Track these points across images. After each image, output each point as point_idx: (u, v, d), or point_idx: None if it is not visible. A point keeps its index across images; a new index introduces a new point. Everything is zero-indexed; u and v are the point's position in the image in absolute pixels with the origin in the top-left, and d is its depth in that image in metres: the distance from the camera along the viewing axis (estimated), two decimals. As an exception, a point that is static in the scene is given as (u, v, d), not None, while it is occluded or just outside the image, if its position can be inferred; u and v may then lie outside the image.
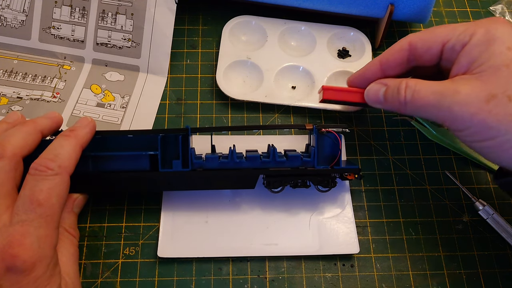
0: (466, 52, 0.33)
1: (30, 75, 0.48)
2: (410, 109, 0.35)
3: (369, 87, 0.38)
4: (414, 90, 0.34)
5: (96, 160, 0.38)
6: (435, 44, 0.35)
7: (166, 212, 0.41)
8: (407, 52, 0.37)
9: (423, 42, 0.36)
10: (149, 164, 0.38)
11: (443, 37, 0.35)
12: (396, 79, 0.36)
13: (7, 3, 0.48)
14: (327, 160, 0.39)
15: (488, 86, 0.31)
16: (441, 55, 0.36)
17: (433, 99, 0.33)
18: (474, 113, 0.31)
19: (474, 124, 0.32)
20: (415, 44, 0.36)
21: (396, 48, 0.37)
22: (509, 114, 0.31)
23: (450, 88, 0.33)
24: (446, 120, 0.33)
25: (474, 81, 0.32)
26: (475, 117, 0.31)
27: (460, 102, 0.32)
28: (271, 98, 0.47)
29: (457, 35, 0.34)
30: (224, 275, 0.39)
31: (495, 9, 0.57)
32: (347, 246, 0.40)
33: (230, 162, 0.38)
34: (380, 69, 0.38)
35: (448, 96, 0.32)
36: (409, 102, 0.35)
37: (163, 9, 0.47)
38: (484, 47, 0.32)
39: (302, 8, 0.51)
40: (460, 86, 0.32)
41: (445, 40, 0.35)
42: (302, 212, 0.41)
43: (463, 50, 0.34)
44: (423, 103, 0.34)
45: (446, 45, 0.35)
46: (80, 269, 0.39)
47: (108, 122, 0.46)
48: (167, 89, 0.49)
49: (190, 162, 0.38)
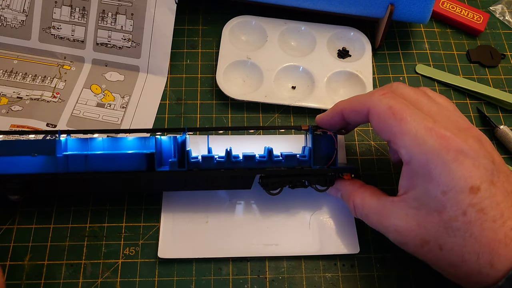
0: (407, 175, 0.33)
1: (30, 75, 0.48)
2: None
3: (330, 190, 0.40)
4: (362, 213, 0.37)
5: (91, 160, 0.38)
6: (387, 135, 0.34)
7: (166, 213, 0.41)
8: (365, 118, 0.35)
9: (379, 125, 0.34)
10: (145, 164, 0.38)
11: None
12: (347, 189, 0.39)
13: (7, 3, 0.48)
14: (323, 161, 0.39)
15: (421, 230, 0.32)
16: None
17: (380, 229, 0.35)
18: (413, 253, 0.34)
19: (416, 255, 0.34)
20: (371, 116, 0.35)
21: (357, 109, 0.36)
22: (440, 260, 0.32)
23: (391, 223, 0.34)
24: None
25: (411, 219, 0.33)
26: (416, 255, 0.34)
27: (400, 242, 0.34)
28: (271, 98, 0.47)
29: (401, 146, 0.33)
30: (224, 275, 0.39)
31: (495, 9, 0.57)
32: (347, 246, 0.40)
33: (226, 162, 0.38)
34: (342, 119, 0.37)
35: (390, 232, 0.34)
36: (360, 219, 0.37)
37: (163, 9, 0.47)
38: (421, 182, 0.32)
39: (302, 8, 0.51)
40: (399, 222, 0.33)
41: (391, 139, 0.34)
42: (302, 212, 0.41)
43: (404, 170, 0.33)
44: (373, 227, 0.36)
45: (391, 143, 0.34)
46: (80, 269, 0.39)
47: (108, 122, 0.46)
48: (167, 89, 0.49)
49: (187, 162, 0.38)
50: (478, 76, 0.52)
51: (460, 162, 0.31)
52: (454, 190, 0.30)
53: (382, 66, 0.52)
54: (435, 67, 0.52)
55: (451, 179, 0.30)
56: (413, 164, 0.32)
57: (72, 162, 0.38)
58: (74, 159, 0.38)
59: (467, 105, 0.50)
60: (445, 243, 0.31)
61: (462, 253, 0.31)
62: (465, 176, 0.30)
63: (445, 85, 0.51)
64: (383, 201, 0.35)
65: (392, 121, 0.33)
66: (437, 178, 0.31)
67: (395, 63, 0.52)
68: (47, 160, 0.38)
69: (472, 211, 0.30)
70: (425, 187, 0.32)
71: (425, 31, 0.55)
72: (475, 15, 0.55)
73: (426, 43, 0.54)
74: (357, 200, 0.37)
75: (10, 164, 0.37)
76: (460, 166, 0.30)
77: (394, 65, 0.52)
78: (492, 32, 0.55)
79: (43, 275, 0.38)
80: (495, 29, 0.55)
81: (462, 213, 0.30)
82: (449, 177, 0.30)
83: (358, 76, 0.49)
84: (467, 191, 0.30)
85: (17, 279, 0.38)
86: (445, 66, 0.52)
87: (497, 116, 0.49)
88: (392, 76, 0.51)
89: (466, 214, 0.30)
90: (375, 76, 0.51)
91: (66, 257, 0.39)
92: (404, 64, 0.52)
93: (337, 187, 0.39)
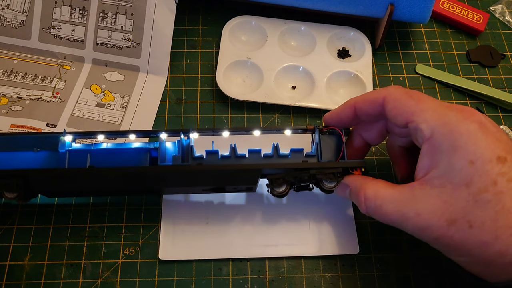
0: (428, 153, 0.31)
1: (30, 75, 0.48)
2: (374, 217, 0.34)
3: (338, 187, 0.37)
4: (375, 205, 0.33)
5: (94, 156, 0.37)
6: (405, 115, 0.33)
7: (166, 214, 0.41)
8: (380, 107, 0.35)
9: (396, 108, 0.33)
10: (148, 159, 0.37)
11: (411, 112, 0.33)
12: (356, 183, 0.35)
13: (7, 3, 0.48)
14: (331, 157, 0.38)
15: (448, 208, 0.30)
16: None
17: (396, 218, 0.32)
18: (437, 237, 0.31)
19: (438, 245, 0.32)
20: (386, 102, 0.34)
21: (372, 99, 0.35)
22: (469, 240, 0.29)
23: (412, 208, 0.31)
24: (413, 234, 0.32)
25: (435, 199, 0.30)
26: (439, 240, 0.31)
27: (422, 226, 0.31)
28: (271, 98, 0.47)
29: (421, 121, 0.32)
30: (224, 275, 0.39)
31: (495, 9, 0.57)
32: (347, 246, 0.40)
33: (231, 158, 0.37)
34: (354, 114, 0.37)
35: (410, 218, 0.31)
36: (372, 214, 0.34)
37: (163, 9, 0.47)
38: (445, 156, 0.30)
39: (302, 8, 0.51)
40: (420, 205, 0.31)
41: (410, 119, 0.32)
42: (302, 213, 0.41)
43: (424, 148, 0.31)
44: (386, 219, 0.33)
45: (409, 124, 0.32)
46: (80, 269, 0.39)
47: (108, 122, 0.46)
48: (167, 89, 0.49)
49: (190, 157, 0.37)
50: (478, 76, 0.52)
51: (484, 132, 0.30)
52: (481, 159, 0.29)
53: (382, 66, 0.52)
54: (435, 67, 0.52)
55: (477, 147, 0.29)
56: (436, 138, 0.30)
57: (74, 157, 0.37)
58: (77, 154, 0.37)
59: (467, 105, 0.50)
60: (475, 218, 0.29)
61: (495, 228, 0.28)
62: (491, 146, 0.29)
63: (445, 85, 0.51)
64: (400, 189, 0.32)
65: (410, 102, 0.32)
66: (463, 147, 0.29)
67: (395, 63, 0.52)
68: (49, 156, 0.37)
69: (502, 180, 0.29)
70: (449, 160, 0.30)
71: (425, 31, 0.55)
72: (475, 15, 0.55)
73: (426, 43, 0.54)
74: (369, 191, 0.34)
75: (11, 160, 0.37)
76: (485, 136, 0.30)
77: (394, 65, 0.52)
78: (492, 32, 0.55)
79: (43, 275, 0.38)
80: (495, 29, 0.55)
81: (492, 183, 0.29)
82: (476, 146, 0.29)
83: (358, 76, 0.49)
84: (495, 160, 0.29)
85: (17, 279, 0.38)
86: (445, 66, 0.52)
87: (497, 116, 0.49)
88: (392, 76, 0.51)
89: (496, 184, 0.29)
90: (375, 76, 0.51)
91: (66, 257, 0.39)
92: (404, 64, 0.52)
93: (347, 181, 0.37)
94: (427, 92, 0.50)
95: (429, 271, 0.34)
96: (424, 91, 0.50)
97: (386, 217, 0.33)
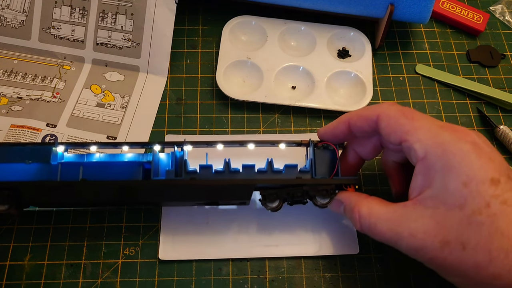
0: (421, 173, 0.31)
1: (30, 75, 0.48)
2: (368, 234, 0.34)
3: (332, 204, 0.37)
4: (369, 223, 0.33)
5: (86, 168, 0.37)
6: (399, 134, 0.33)
7: (166, 214, 0.41)
8: (374, 124, 0.34)
9: (390, 126, 0.33)
10: (141, 173, 0.37)
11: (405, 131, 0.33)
12: (351, 200, 0.35)
13: (7, 3, 0.48)
14: (325, 173, 0.38)
15: (441, 229, 0.30)
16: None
17: (390, 237, 0.32)
18: (431, 258, 0.31)
19: (433, 266, 0.32)
20: (380, 120, 0.34)
21: (366, 116, 0.35)
22: (464, 262, 0.29)
23: (405, 227, 0.31)
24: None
25: (428, 219, 0.30)
26: (433, 261, 0.31)
27: (417, 247, 0.31)
28: (271, 98, 0.47)
29: (415, 141, 0.31)
30: (224, 275, 0.39)
31: (495, 9, 0.57)
32: (347, 246, 0.40)
33: (225, 172, 0.37)
34: (348, 129, 0.36)
35: (404, 238, 0.31)
36: (366, 232, 0.34)
37: (163, 9, 0.47)
38: (439, 176, 0.30)
39: (302, 8, 0.51)
40: (414, 224, 0.31)
41: (404, 137, 0.32)
42: (302, 213, 0.41)
43: (418, 168, 0.31)
44: (381, 238, 0.33)
45: (403, 143, 0.32)
46: (80, 269, 0.39)
47: (108, 122, 0.46)
48: (167, 89, 0.49)
49: (184, 172, 0.36)
50: (478, 76, 0.52)
51: (478, 153, 0.30)
52: (475, 181, 0.29)
53: (382, 66, 0.52)
54: (435, 67, 0.52)
55: (471, 168, 0.29)
56: (429, 158, 0.30)
57: (66, 170, 0.37)
58: (69, 166, 0.37)
59: (467, 105, 0.50)
60: (469, 240, 0.29)
61: (489, 251, 0.28)
62: (484, 167, 0.29)
63: (445, 85, 0.51)
64: (394, 207, 0.32)
65: (404, 120, 0.33)
66: (457, 168, 0.29)
67: (395, 63, 0.52)
68: (41, 168, 0.36)
69: (495, 202, 0.28)
70: (443, 181, 0.30)
71: (425, 31, 0.55)
72: (475, 15, 0.55)
73: (426, 43, 0.54)
74: (363, 209, 0.34)
75: (2, 172, 0.36)
76: (478, 157, 0.30)
77: (394, 65, 0.52)
78: (492, 32, 0.55)
79: (43, 275, 0.38)
80: (495, 29, 0.55)
81: (485, 205, 0.29)
82: (469, 167, 0.29)
83: (358, 76, 0.49)
84: (488, 182, 0.29)
85: (17, 279, 0.38)
86: (445, 66, 0.52)
87: (497, 116, 0.49)
88: (392, 76, 0.51)
89: (490, 206, 0.28)
90: (375, 76, 0.51)
91: (66, 257, 0.39)
92: (404, 64, 0.52)
93: (340, 198, 0.37)
94: (427, 92, 0.50)
95: (429, 271, 0.34)
96: (424, 91, 0.50)
97: (380, 236, 0.33)
